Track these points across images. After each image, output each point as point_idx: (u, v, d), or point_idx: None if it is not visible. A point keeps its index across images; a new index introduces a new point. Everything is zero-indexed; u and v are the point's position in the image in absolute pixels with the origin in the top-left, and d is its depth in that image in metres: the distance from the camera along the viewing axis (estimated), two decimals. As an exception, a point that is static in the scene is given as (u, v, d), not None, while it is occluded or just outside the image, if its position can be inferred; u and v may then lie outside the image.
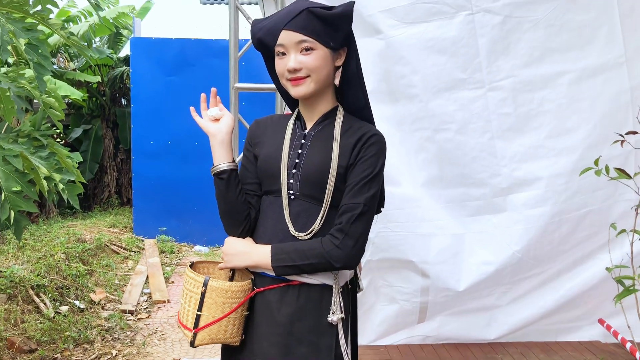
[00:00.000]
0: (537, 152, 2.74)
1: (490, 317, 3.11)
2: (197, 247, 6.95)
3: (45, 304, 4.19)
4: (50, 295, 4.34)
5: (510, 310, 3.09)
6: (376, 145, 1.50)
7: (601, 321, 3.07)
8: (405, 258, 2.86)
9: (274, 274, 1.52)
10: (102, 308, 4.56)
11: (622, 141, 1.99)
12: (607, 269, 2.20)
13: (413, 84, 2.75)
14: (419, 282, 2.89)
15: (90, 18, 7.87)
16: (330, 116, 1.58)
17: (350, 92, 1.59)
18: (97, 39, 9.24)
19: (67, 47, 8.10)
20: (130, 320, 4.33)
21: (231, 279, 1.67)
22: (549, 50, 2.65)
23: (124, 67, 8.72)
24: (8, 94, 2.79)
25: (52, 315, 4.01)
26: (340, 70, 1.58)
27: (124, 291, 5.00)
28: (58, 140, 9.30)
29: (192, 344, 1.55)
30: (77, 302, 4.45)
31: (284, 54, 1.50)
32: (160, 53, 6.96)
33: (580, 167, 2.30)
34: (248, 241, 1.59)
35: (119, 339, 3.93)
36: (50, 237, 5.94)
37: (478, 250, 2.86)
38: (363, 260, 2.94)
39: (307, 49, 1.47)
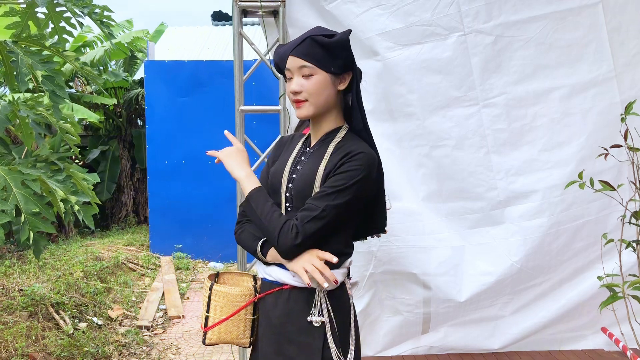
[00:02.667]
0: (532, 166, 2.82)
1: (494, 327, 3.17)
2: (212, 264, 7.09)
3: (64, 320, 4.33)
4: (69, 312, 4.49)
5: (513, 320, 3.15)
6: (358, 161, 1.59)
7: (604, 329, 3.12)
8: (407, 270, 2.95)
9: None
10: (120, 324, 4.69)
11: (606, 154, 2.08)
12: (598, 277, 2.28)
13: (410, 102, 2.86)
14: (421, 293, 2.98)
15: (105, 43, 8.12)
16: (331, 135, 1.70)
17: (353, 114, 1.71)
18: (112, 63, 9.50)
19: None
20: (146, 335, 4.46)
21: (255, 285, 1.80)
22: (540, 67, 2.75)
23: (139, 89, 8.96)
24: (27, 120, 2.96)
25: (71, 331, 4.15)
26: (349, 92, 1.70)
27: (140, 307, 5.14)
28: (76, 161, 9.53)
29: (203, 342, 1.72)
30: (95, 319, 4.59)
31: (290, 78, 1.65)
32: (173, 75, 7.17)
33: (574, 179, 2.38)
34: (246, 162, 1.72)
35: (135, 353, 4.06)
36: (69, 256, 6.11)
37: (477, 261, 2.94)
38: (366, 273, 3.04)
39: (308, 74, 1.60)
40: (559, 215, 2.86)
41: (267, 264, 1.69)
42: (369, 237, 1.88)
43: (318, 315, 1.62)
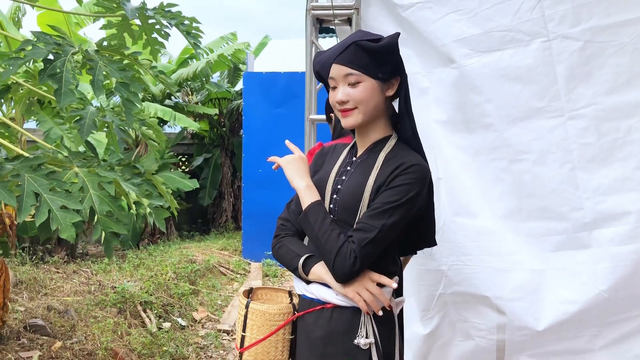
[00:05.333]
0: (624, 185, 2.53)
1: (581, 362, 2.88)
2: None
3: (150, 319, 4.53)
4: (156, 311, 4.70)
5: (604, 356, 2.83)
6: (412, 175, 1.49)
7: None
8: (479, 293, 2.76)
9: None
10: (202, 326, 4.83)
11: None
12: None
13: (487, 113, 2.68)
14: (495, 318, 2.76)
15: (209, 55, 8.51)
16: (380, 144, 1.61)
17: (401, 120, 1.62)
18: (217, 74, 9.94)
19: (188, 83, 8.80)
20: (225, 339, 4.55)
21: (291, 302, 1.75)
22: (635, 76, 2.46)
23: (240, 100, 9.30)
24: (112, 126, 3.13)
25: (155, 330, 4.33)
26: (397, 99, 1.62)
27: (224, 311, 5.26)
28: (183, 168, 10.06)
29: None
30: (179, 320, 4.76)
31: (335, 87, 1.58)
32: (270, 86, 7.35)
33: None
34: (307, 171, 1.65)
35: (212, 357, 4.15)
36: (165, 257, 6.42)
37: (559, 288, 2.68)
38: (436, 292, 2.89)
39: (355, 82, 1.53)
40: (656, 241, 2.54)
41: (308, 281, 1.62)
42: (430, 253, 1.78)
43: (365, 337, 1.54)
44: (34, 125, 6.46)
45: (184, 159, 10.37)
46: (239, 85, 9.91)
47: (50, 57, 2.49)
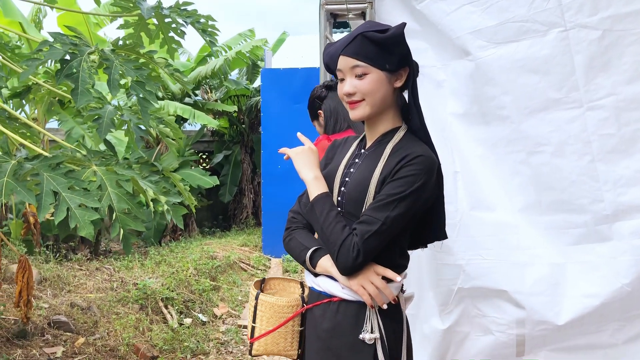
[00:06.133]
0: (646, 176, 2.48)
1: (605, 356, 2.82)
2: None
3: (171, 315, 4.58)
4: (177, 307, 4.74)
5: (628, 351, 2.78)
6: (417, 165, 1.48)
7: None
8: (498, 287, 2.73)
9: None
10: (223, 322, 4.86)
11: None
12: None
13: (504, 105, 2.65)
14: (514, 313, 2.73)
15: (227, 53, 8.54)
16: (388, 136, 1.60)
17: (410, 112, 1.61)
18: (235, 71, 9.97)
19: (207, 80, 8.85)
20: (245, 335, 4.57)
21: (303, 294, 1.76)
22: (657, 65, 2.41)
23: (259, 97, 9.33)
24: (130, 125, 3.16)
25: (176, 326, 4.37)
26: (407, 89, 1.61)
27: (245, 307, 5.29)
28: (203, 165, 10.13)
29: (250, 353, 1.68)
30: (200, 315, 4.80)
31: (342, 79, 1.58)
32: (288, 82, 7.35)
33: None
34: (316, 163, 1.65)
35: (232, 352, 4.18)
36: (186, 253, 6.47)
37: (580, 281, 2.64)
38: (454, 287, 2.86)
39: (361, 74, 1.52)
40: (679, 233, 2.48)
41: (315, 274, 1.63)
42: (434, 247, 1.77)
43: (370, 332, 1.53)
44: (56, 125, 6.57)
45: (204, 157, 10.44)
46: (258, 82, 9.94)
47: (67, 57, 2.52)
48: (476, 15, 2.63)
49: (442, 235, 1.68)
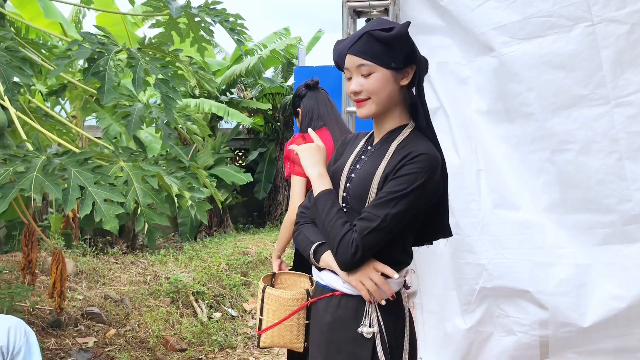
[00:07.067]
0: (676, 175, 2.40)
1: (634, 361, 2.75)
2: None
3: (201, 309, 4.66)
4: (207, 301, 4.83)
5: (659, 356, 2.71)
6: (419, 164, 1.47)
7: None
8: (521, 287, 2.68)
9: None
10: (252, 317, 4.92)
11: None
12: None
13: (529, 102, 2.60)
14: (537, 313, 2.68)
15: (262, 51, 8.61)
16: (395, 133, 1.61)
17: (417, 110, 1.61)
18: (271, 69, 10.05)
19: (242, 79, 8.95)
20: (272, 330, 4.62)
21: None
22: (688, 60, 2.33)
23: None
24: (158, 122, 3.23)
25: (205, 320, 4.45)
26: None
27: (274, 303, 5.34)
28: (239, 162, 10.25)
29: (257, 345, 1.73)
30: (230, 310, 4.87)
31: (350, 77, 1.59)
32: (320, 80, 7.34)
33: None
34: (322, 160, 1.66)
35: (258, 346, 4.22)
36: (219, 249, 6.57)
37: (606, 283, 2.56)
38: (476, 287, 2.83)
39: (367, 73, 1.53)
40: None
41: (320, 268, 1.65)
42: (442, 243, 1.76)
43: (369, 327, 1.54)
44: (94, 122, 6.76)
45: (240, 154, 10.57)
46: (292, 80, 10.00)
47: (95, 56, 2.60)
48: (500, 11, 2.58)
49: (447, 233, 1.67)
